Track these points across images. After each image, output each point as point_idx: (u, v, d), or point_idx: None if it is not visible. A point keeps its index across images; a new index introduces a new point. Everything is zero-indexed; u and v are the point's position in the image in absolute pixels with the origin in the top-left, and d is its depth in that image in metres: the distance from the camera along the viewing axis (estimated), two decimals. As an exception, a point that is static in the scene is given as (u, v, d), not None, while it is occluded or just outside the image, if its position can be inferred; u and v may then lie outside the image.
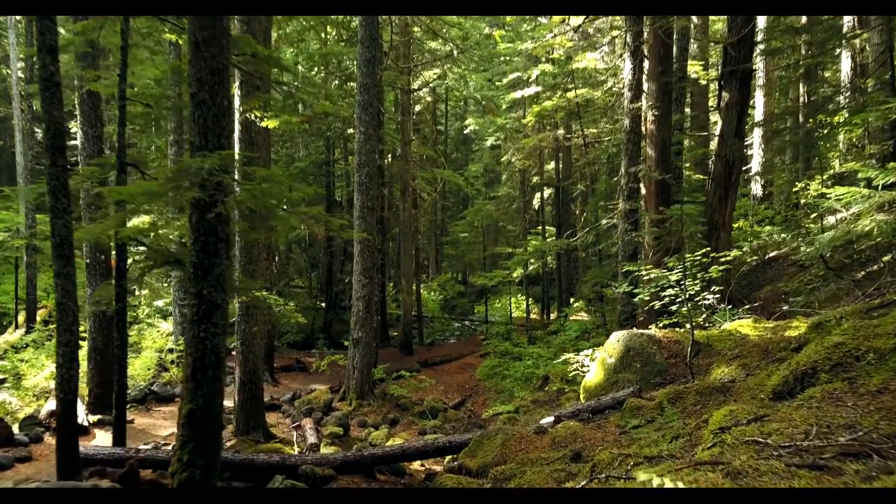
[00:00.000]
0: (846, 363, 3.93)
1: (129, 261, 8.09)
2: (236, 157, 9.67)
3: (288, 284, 28.36)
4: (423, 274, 38.95)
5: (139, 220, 9.52)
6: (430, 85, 23.82)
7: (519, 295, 26.60)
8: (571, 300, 25.93)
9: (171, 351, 13.70)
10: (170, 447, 8.43)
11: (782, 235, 16.26)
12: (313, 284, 28.51)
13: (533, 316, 25.18)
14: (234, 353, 9.97)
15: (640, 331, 7.05)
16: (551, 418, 7.44)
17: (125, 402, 7.41)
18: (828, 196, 7.05)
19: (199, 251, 5.23)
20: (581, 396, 7.47)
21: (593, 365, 7.52)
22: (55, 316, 6.68)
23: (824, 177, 18.52)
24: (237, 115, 9.59)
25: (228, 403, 11.93)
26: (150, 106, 7.28)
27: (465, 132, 32.87)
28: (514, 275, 20.79)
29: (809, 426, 3.13)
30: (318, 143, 25.05)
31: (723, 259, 6.76)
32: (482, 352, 18.99)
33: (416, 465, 7.93)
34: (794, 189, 18.69)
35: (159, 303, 17.91)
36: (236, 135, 9.60)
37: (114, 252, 7.62)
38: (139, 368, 12.51)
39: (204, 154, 4.89)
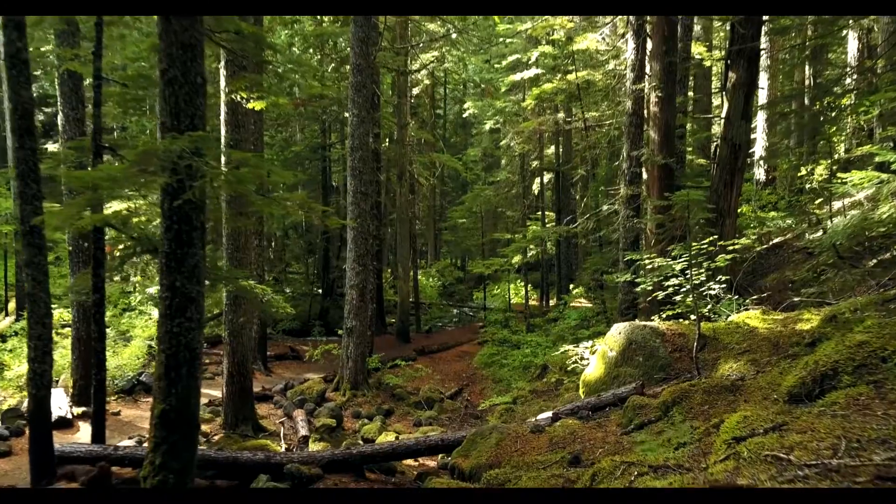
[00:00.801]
0: (871, 364, 3.59)
1: (120, 247, 7.74)
2: (222, 139, 9.31)
3: (285, 270, 28.04)
4: (421, 260, 38.63)
5: (123, 206, 9.17)
6: (428, 68, 23.31)
7: (518, 281, 26.26)
8: (571, 286, 25.62)
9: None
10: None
11: (787, 221, 15.90)
12: (310, 270, 28.16)
13: (532, 302, 24.87)
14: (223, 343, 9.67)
15: (643, 323, 6.71)
16: (549, 414, 7.13)
17: (104, 397, 7.10)
18: (844, 180, 6.68)
19: (171, 240, 4.87)
20: (580, 391, 7.15)
21: (593, 358, 7.20)
22: (27, 308, 6.34)
23: (830, 161, 18.13)
24: (223, 96, 9.20)
25: (216, 392, 11.69)
26: (125, 85, 6.89)
27: (464, 116, 32.33)
28: (514, 261, 20.45)
29: (836, 439, 2.79)
30: (314, 127, 24.57)
31: (730, 247, 6.41)
32: (480, 339, 18.70)
33: (409, 461, 7.64)
34: (800, 174, 18.36)
35: (152, 290, 17.56)
36: (222, 117, 9.23)
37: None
38: (128, 358, 12.20)
39: (173, 136, 4.52)
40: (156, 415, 4.84)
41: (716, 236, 6.31)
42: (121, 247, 7.41)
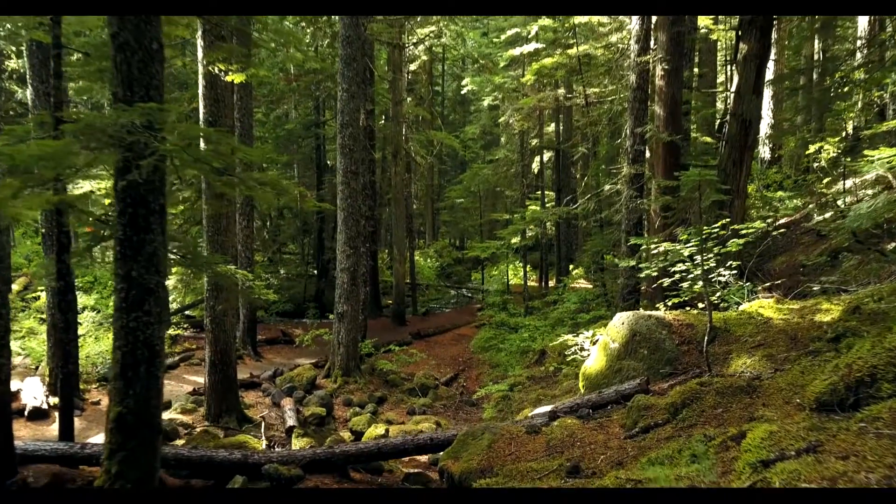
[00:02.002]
0: (916, 371, 3.11)
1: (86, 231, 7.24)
2: (201, 115, 8.74)
3: (279, 251, 27.53)
4: (420, 240, 38.12)
5: (97, 186, 8.65)
6: (426, 43, 22.54)
7: (517, 262, 25.75)
8: (571, 267, 25.14)
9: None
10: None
11: (795, 202, 15.37)
12: (306, 251, 27.63)
13: (531, 283, 24.41)
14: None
15: (648, 313, 6.23)
16: (547, 409, 6.69)
17: (71, 392, 6.66)
18: (870, 158, 6.16)
19: (125, 225, 4.37)
20: (580, 384, 6.70)
21: (594, 349, 6.74)
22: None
23: (838, 139, 17.54)
24: (200, 68, 8.62)
25: (199, 379, 11.25)
26: (87, 54, 6.33)
27: (463, 93, 31.61)
28: (513, 242, 19.95)
29: (890, 470, 2.32)
30: (308, 104, 23.86)
31: (743, 231, 5.91)
32: (477, 322, 18.29)
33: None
34: (808, 152, 17.76)
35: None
36: (200, 90, 8.66)
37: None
38: (111, 344, 11.74)
39: (122, 107, 3.99)
40: (111, 418, 4.40)
41: (727, 219, 5.80)
42: (86, 230, 6.92)
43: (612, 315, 13.07)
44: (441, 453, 5.55)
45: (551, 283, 23.24)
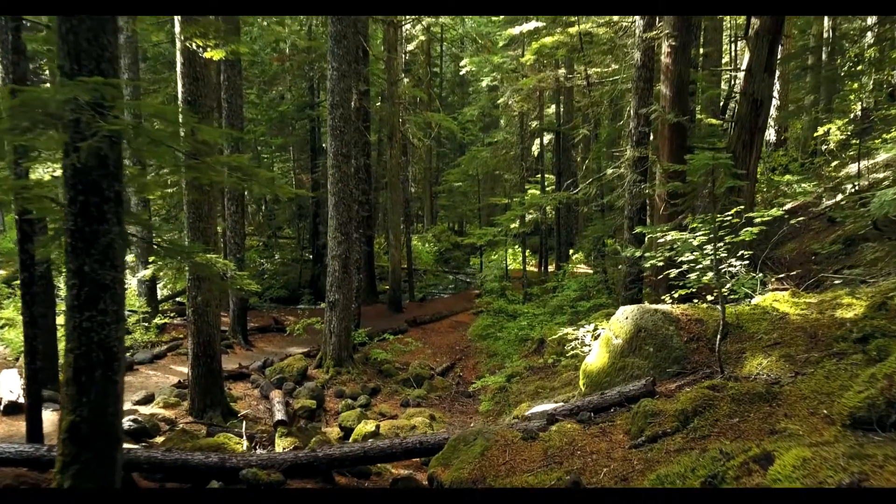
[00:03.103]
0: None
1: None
2: (179, 94, 8.24)
3: (275, 235, 27.07)
4: (418, 223, 37.61)
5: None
6: (423, 22, 21.89)
7: (516, 246, 25.28)
8: (571, 252, 24.70)
9: (131, 314, 12.51)
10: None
11: (804, 186, 14.89)
12: (302, 235, 27.16)
13: (530, 268, 23.97)
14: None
15: (654, 307, 5.80)
16: (545, 407, 6.29)
17: (39, 390, 6.25)
18: (884, 139, 5.69)
19: (76, 215, 3.93)
20: (580, 382, 6.30)
21: (595, 345, 6.32)
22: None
23: (847, 121, 17.02)
24: (178, 44, 8.11)
25: (183, 369, 10.86)
26: (50, 27, 5.85)
27: (462, 73, 30.91)
28: (512, 227, 19.47)
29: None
30: (301, 85, 23.26)
31: (757, 219, 5.46)
32: (475, 309, 17.88)
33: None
34: (816, 134, 17.25)
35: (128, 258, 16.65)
36: (178, 68, 8.15)
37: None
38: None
39: (64, 82, 3.53)
40: (63, 428, 3.98)
41: (741, 206, 5.35)
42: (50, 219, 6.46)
43: (613, 303, 12.69)
44: (431, 459, 5.15)
45: (551, 268, 22.82)
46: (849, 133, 16.83)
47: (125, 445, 7.04)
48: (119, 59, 4.06)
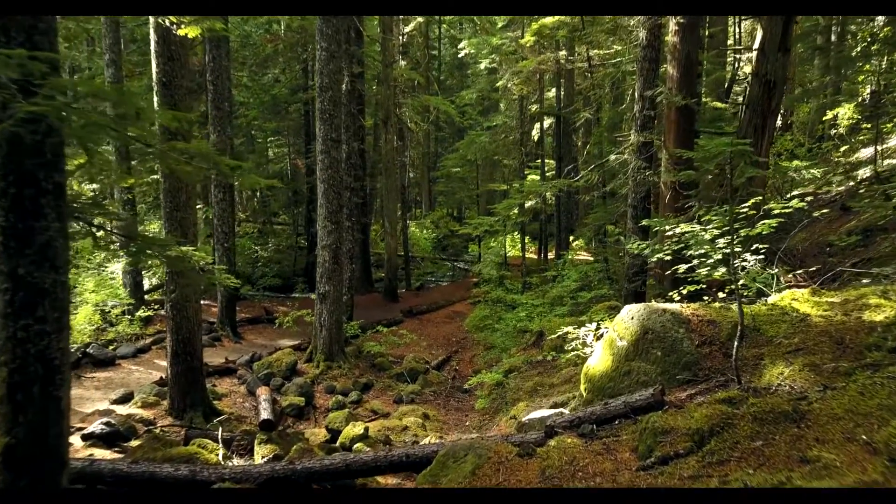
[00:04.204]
0: None
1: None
2: (154, 74, 7.70)
3: (270, 221, 26.56)
4: (417, 209, 37.04)
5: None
6: (419, 1, 21.14)
7: (515, 233, 24.78)
8: (571, 238, 24.20)
9: (115, 305, 12.05)
10: (83, 433, 6.93)
11: (812, 172, 14.35)
12: (298, 222, 26.63)
13: (530, 255, 23.49)
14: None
15: (662, 306, 5.32)
16: (544, 413, 5.85)
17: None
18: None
19: (7, 210, 3.44)
20: (582, 386, 5.84)
21: (598, 346, 5.85)
22: None
23: (853, 104, 16.45)
24: (152, 20, 7.57)
25: (163, 361, 10.43)
26: None
27: (460, 56, 30.21)
28: (511, 214, 18.94)
29: None
30: (295, 68, 22.60)
31: (775, 211, 4.97)
32: (473, 299, 17.43)
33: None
34: (825, 118, 16.68)
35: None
36: (152, 47, 7.62)
37: None
38: (80, 324, 10.88)
39: (-18, 56, 3.02)
40: (-2, 452, 3.52)
41: (759, 197, 4.86)
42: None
43: (615, 295, 12.23)
44: (418, 476, 4.71)
45: (551, 255, 22.34)
46: (859, 117, 16.27)
47: (95, 453, 6.64)
48: (56, 31, 3.54)
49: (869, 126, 15.79)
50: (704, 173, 5.62)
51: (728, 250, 5.11)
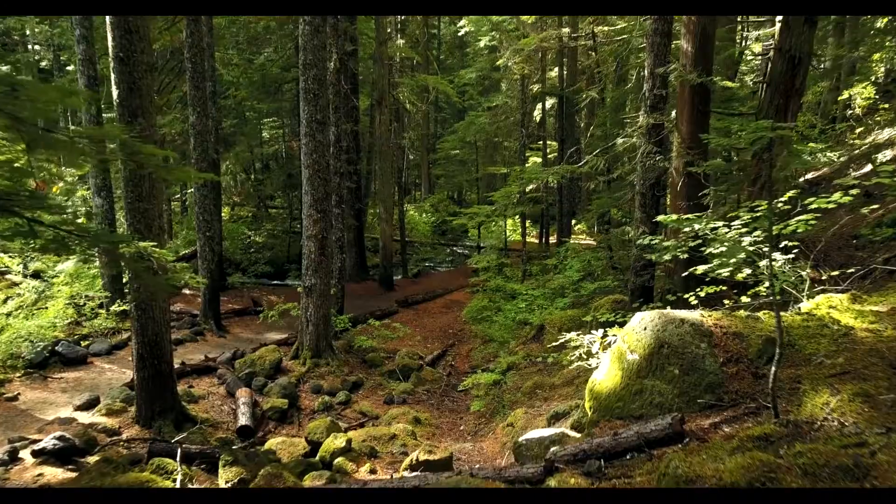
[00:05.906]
0: None
1: None
2: (110, 49, 6.92)
3: (264, 206, 25.82)
4: (416, 191, 36.21)
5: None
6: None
7: (515, 217, 24.02)
8: (573, 222, 23.46)
9: (90, 298, 11.38)
10: (34, 449, 6.27)
11: (828, 155, 13.55)
12: (294, 206, 25.89)
13: (531, 240, 22.77)
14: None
15: (680, 316, 4.60)
16: (544, 433, 5.17)
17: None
18: None
19: None
20: (587, 404, 5.15)
21: (606, 358, 5.15)
22: None
23: (867, 84, 15.60)
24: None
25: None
26: None
27: (460, 34, 29.23)
28: (511, 201, 18.13)
29: None
30: (287, 46, 21.69)
31: (813, 206, 4.26)
32: (471, 288, 16.74)
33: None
34: (841, 97, 15.83)
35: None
36: (107, 18, 6.83)
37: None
38: (47, 322, 10.21)
39: None
40: None
41: (797, 190, 4.14)
42: None
43: (620, 287, 11.51)
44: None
45: (552, 240, 21.62)
46: (877, 97, 15.43)
47: (45, 472, 5.99)
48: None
49: (887, 106, 14.98)
50: (737, 164, 4.87)
51: (753, 249, 4.40)
